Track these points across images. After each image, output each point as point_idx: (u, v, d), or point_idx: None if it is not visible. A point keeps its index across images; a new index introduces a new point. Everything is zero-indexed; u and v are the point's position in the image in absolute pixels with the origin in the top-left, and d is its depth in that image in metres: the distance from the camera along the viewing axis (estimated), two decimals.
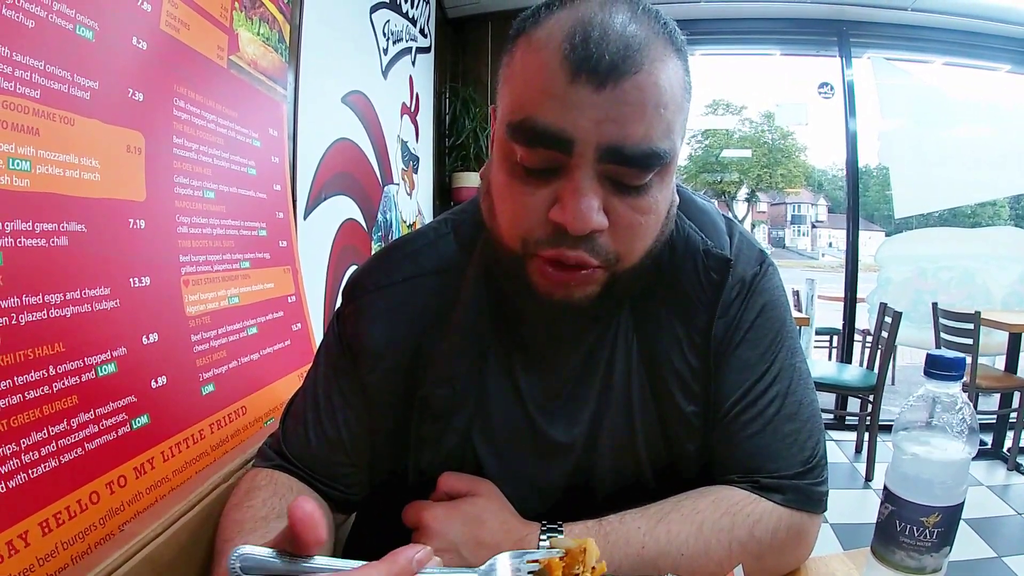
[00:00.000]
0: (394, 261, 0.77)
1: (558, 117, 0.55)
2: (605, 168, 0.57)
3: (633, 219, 0.60)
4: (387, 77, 2.49)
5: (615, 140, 0.55)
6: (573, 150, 0.56)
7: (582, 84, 0.54)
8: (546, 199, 0.59)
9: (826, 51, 4.21)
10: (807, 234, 20.87)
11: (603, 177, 0.57)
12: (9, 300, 0.68)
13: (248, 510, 0.68)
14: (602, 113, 0.55)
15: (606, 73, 0.54)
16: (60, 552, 0.70)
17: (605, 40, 0.54)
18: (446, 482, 0.72)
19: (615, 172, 0.57)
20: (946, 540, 0.59)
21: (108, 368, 0.81)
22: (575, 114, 0.55)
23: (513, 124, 0.58)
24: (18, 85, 0.72)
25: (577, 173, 0.57)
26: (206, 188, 1.08)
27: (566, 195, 0.57)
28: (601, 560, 0.56)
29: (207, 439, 0.98)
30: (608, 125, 0.55)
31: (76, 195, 0.79)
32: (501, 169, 0.62)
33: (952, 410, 0.59)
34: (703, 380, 0.72)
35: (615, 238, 0.60)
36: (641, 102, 0.55)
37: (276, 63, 1.43)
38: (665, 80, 0.57)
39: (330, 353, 0.79)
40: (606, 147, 0.55)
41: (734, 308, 0.72)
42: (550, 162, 0.57)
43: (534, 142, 0.57)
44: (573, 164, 0.56)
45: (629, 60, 0.54)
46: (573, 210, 0.56)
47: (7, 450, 0.66)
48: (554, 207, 0.58)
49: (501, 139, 0.61)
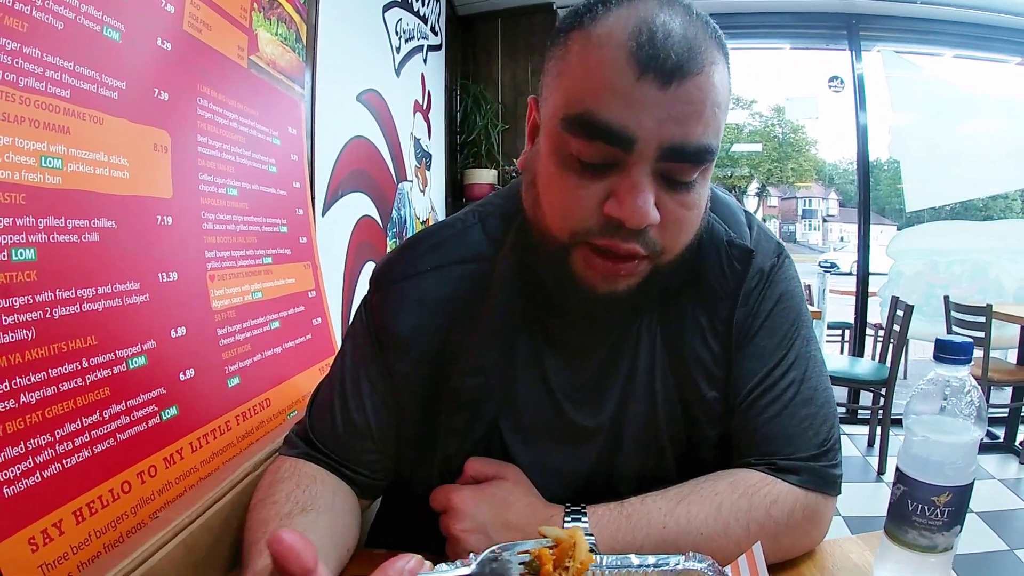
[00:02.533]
0: (422, 251, 0.77)
1: (622, 114, 0.56)
2: (661, 165, 0.59)
3: (680, 214, 0.62)
4: (400, 75, 2.51)
5: (676, 139, 0.57)
6: (634, 148, 0.57)
7: (648, 82, 0.55)
8: (600, 192, 0.60)
9: (836, 44, 4.18)
10: (818, 228, 20.72)
11: (656, 173, 0.59)
12: (43, 295, 0.70)
13: (273, 507, 0.69)
14: (664, 112, 0.56)
15: (671, 72, 0.55)
16: (93, 540, 0.71)
17: (670, 40, 0.56)
18: (473, 467, 0.73)
19: (669, 169, 0.59)
20: (956, 519, 0.60)
21: (139, 361, 0.83)
22: (639, 112, 0.56)
23: (571, 117, 0.59)
24: (49, 85, 0.74)
25: (635, 169, 0.58)
26: (229, 185, 1.10)
27: (623, 191, 0.58)
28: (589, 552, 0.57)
29: (233, 430, 1.00)
30: (670, 124, 0.57)
31: (106, 192, 0.81)
32: (551, 161, 0.63)
33: (961, 393, 0.60)
34: (724, 366, 0.74)
35: (663, 232, 0.62)
36: (701, 101, 0.57)
37: (294, 62, 1.46)
38: (719, 81, 0.59)
39: (357, 341, 0.80)
40: (667, 146, 0.57)
41: (753, 297, 0.74)
42: (607, 157, 0.59)
43: (594, 136, 0.58)
44: (632, 161, 0.58)
45: (692, 61, 0.56)
46: (631, 206, 0.58)
47: (42, 440, 0.68)
48: (609, 201, 0.59)
49: (553, 131, 0.61)
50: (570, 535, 0.56)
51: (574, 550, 0.55)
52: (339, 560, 0.69)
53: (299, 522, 0.66)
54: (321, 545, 0.64)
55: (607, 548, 0.66)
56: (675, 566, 0.59)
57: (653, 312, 0.75)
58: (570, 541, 0.56)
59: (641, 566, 0.59)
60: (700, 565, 0.58)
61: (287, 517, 0.67)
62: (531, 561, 0.55)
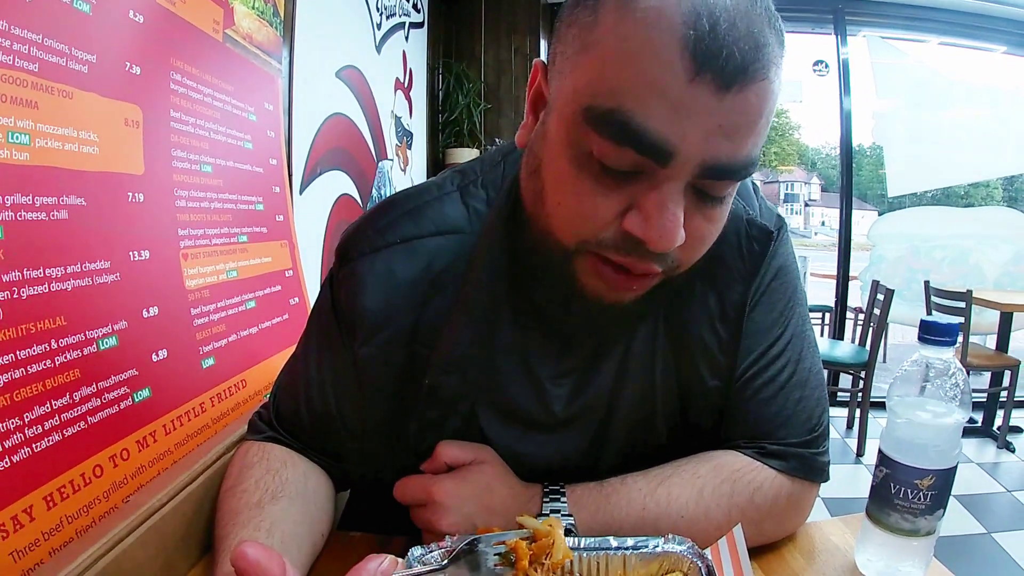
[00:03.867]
0: (393, 219, 0.69)
1: (666, 122, 0.47)
2: (697, 181, 0.50)
3: (706, 230, 0.55)
4: (380, 52, 2.47)
5: (722, 156, 0.49)
6: (672, 163, 0.48)
7: (704, 85, 0.45)
8: (621, 202, 0.51)
9: (821, 28, 4.19)
10: (800, 213, 20.89)
11: (689, 187, 0.51)
12: (10, 274, 0.68)
13: (242, 496, 0.66)
14: (716, 123, 0.47)
15: (733, 75, 0.45)
16: (65, 526, 0.70)
17: (735, 32, 0.45)
18: (446, 452, 0.69)
19: (705, 185, 0.51)
20: (939, 503, 0.60)
21: (109, 342, 0.81)
22: (686, 123, 0.46)
23: (598, 112, 0.48)
24: (16, 58, 0.71)
25: (667, 185, 0.49)
26: (203, 162, 1.08)
27: (651, 208, 0.50)
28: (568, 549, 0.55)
29: (208, 412, 0.99)
30: (718, 138, 0.47)
31: (75, 168, 0.78)
32: (564, 155, 0.53)
33: (945, 375, 0.60)
34: (730, 353, 0.70)
35: (683, 248, 0.53)
36: (758, 111, 0.48)
37: (271, 37, 1.42)
38: (778, 86, 0.50)
39: (322, 321, 0.74)
40: (711, 163, 0.49)
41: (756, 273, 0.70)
42: (636, 166, 0.49)
43: (626, 142, 0.48)
44: (664, 174, 0.49)
45: (759, 63, 0.46)
46: (659, 227, 0.50)
47: (10, 424, 0.66)
48: (631, 215, 0.51)
49: (570, 120, 0.51)
50: (548, 530, 0.55)
51: (552, 549, 0.54)
52: (314, 547, 0.66)
53: (269, 512, 0.63)
54: (294, 533, 0.63)
55: (585, 529, 0.65)
56: (654, 548, 0.58)
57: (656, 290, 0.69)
58: (549, 538, 0.54)
59: (620, 548, 0.58)
60: (680, 547, 0.58)
61: (256, 507, 0.64)
62: (507, 553, 0.53)
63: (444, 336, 0.68)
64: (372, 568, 0.44)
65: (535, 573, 0.52)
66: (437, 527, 0.65)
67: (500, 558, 0.53)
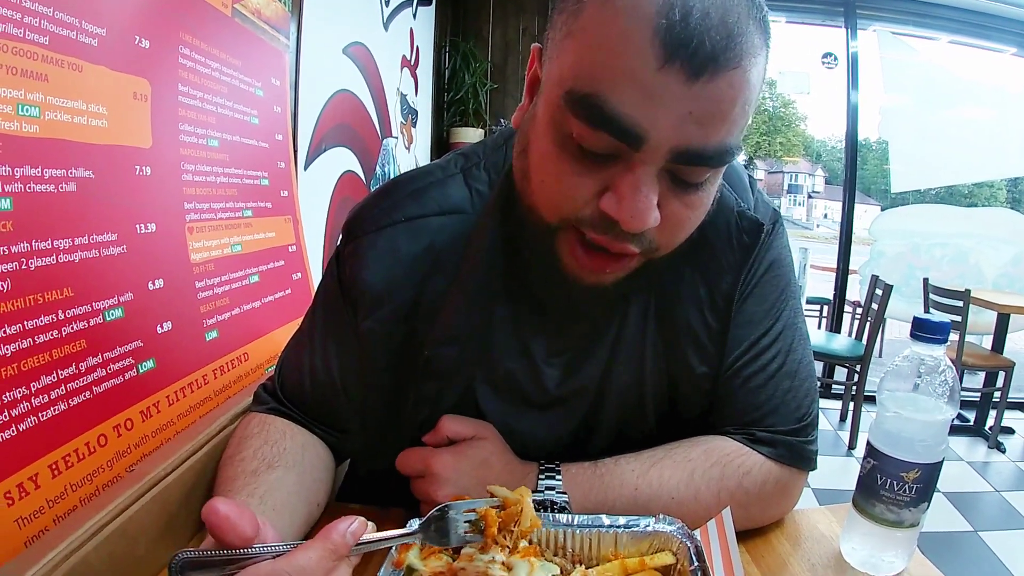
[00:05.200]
0: (398, 199, 0.72)
1: (637, 108, 0.48)
2: (671, 166, 0.52)
3: (684, 215, 0.57)
4: (388, 29, 2.46)
5: (694, 143, 0.50)
6: (644, 147, 0.50)
7: (673, 73, 0.47)
8: (598, 183, 0.54)
9: (832, 21, 4.16)
10: (803, 204, 20.79)
11: (664, 172, 0.53)
12: (19, 245, 0.68)
13: (240, 463, 0.68)
14: (686, 110, 0.48)
15: (703, 64, 0.47)
16: (69, 494, 0.71)
17: (707, 22, 0.46)
18: (448, 426, 0.71)
19: (679, 170, 0.53)
20: (924, 496, 0.62)
21: (115, 313, 0.82)
22: (655, 108, 0.48)
23: (576, 96, 0.51)
24: (27, 32, 0.71)
25: (640, 168, 0.51)
26: (210, 136, 1.08)
27: (624, 189, 0.52)
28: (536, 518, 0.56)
29: (211, 384, 1.00)
30: (689, 125, 0.49)
31: (84, 141, 0.79)
32: (548, 135, 0.55)
33: (935, 372, 0.61)
34: (719, 342, 0.72)
35: (661, 231, 0.56)
36: (731, 100, 0.49)
37: (279, 12, 1.42)
38: (756, 75, 0.50)
39: (328, 295, 0.77)
40: (681, 149, 0.50)
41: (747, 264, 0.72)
42: (611, 149, 0.51)
43: (599, 125, 0.50)
44: (638, 158, 0.51)
45: (730, 52, 0.47)
46: (631, 209, 0.52)
47: (17, 393, 0.66)
48: (607, 196, 0.53)
49: (553, 103, 0.53)
50: (518, 498, 0.56)
51: (520, 517, 0.55)
52: (308, 515, 0.68)
53: (265, 479, 0.65)
54: (287, 501, 0.64)
55: (579, 507, 0.67)
56: (645, 528, 0.60)
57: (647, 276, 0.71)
58: (517, 506, 0.55)
59: (612, 526, 0.60)
60: (670, 528, 0.59)
61: (252, 475, 0.65)
62: (476, 521, 0.54)
63: (442, 311, 0.70)
64: (343, 528, 0.46)
65: (504, 540, 0.54)
66: (434, 498, 0.67)
67: (470, 525, 0.54)
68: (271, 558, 0.44)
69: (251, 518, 0.44)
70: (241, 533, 0.43)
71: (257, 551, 0.44)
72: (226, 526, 0.43)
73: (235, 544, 0.44)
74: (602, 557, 0.60)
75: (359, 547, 0.47)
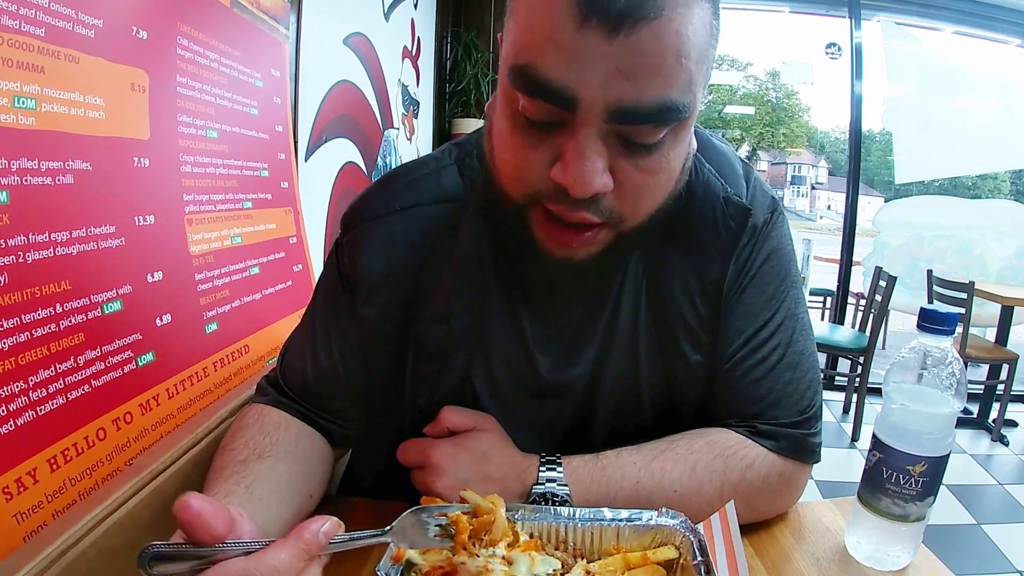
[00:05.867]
0: (394, 189, 0.74)
1: (562, 70, 0.49)
2: (614, 127, 0.52)
3: (641, 180, 0.56)
4: (389, 20, 2.44)
5: (626, 99, 0.50)
6: (577, 108, 0.50)
7: (591, 31, 0.47)
8: (548, 153, 0.54)
9: (835, 11, 4.14)
10: (806, 195, 20.75)
11: (610, 135, 0.53)
12: (16, 238, 0.68)
13: (231, 453, 0.68)
14: (612, 66, 0.48)
15: (619, 17, 0.47)
16: (68, 488, 0.71)
17: None
18: (450, 418, 0.72)
19: (624, 131, 0.53)
20: (931, 490, 0.61)
21: (114, 306, 0.81)
22: (581, 68, 0.49)
23: (515, 69, 0.52)
24: (23, 23, 0.70)
25: (580, 132, 0.52)
26: (209, 128, 1.07)
27: (568, 155, 0.53)
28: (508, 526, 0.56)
29: (211, 377, 0.99)
30: (619, 81, 0.49)
31: (81, 133, 0.78)
32: (504, 114, 0.57)
33: (942, 364, 0.60)
34: (711, 329, 0.72)
35: (620, 198, 0.56)
36: (660, 52, 0.48)
37: (279, 2, 1.40)
38: (690, 26, 0.49)
39: (329, 284, 0.78)
40: (615, 107, 0.50)
41: (743, 254, 0.71)
42: (552, 116, 0.52)
43: (535, 93, 0.51)
44: (578, 122, 0.51)
45: (648, 4, 0.47)
46: (574, 173, 0.52)
47: (15, 388, 0.66)
48: (555, 165, 0.54)
49: (504, 83, 0.55)
50: (490, 506, 0.56)
51: (492, 526, 0.55)
52: (299, 506, 0.68)
53: (254, 468, 0.65)
54: (276, 491, 0.64)
55: (580, 500, 0.67)
56: (647, 521, 0.59)
57: (638, 263, 0.72)
58: (490, 516, 0.55)
59: (614, 520, 0.60)
60: (672, 521, 0.59)
61: (242, 464, 0.65)
62: (447, 525, 0.54)
63: (434, 292, 0.72)
64: (315, 528, 0.46)
65: (473, 548, 0.53)
66: (432, 488, 0.67)
67: (441, 529, 0.54)
68: (243, 555, 0.44)
69: (225, 515, 0.44)
70: (212, 531, 0.43)
71: (229, 547, 0.44)
72: (196, 523, 0.42)
73: (205, 541, 0.43)
74: (604, 551, 0.59)
75: (331, 546, 0.47)
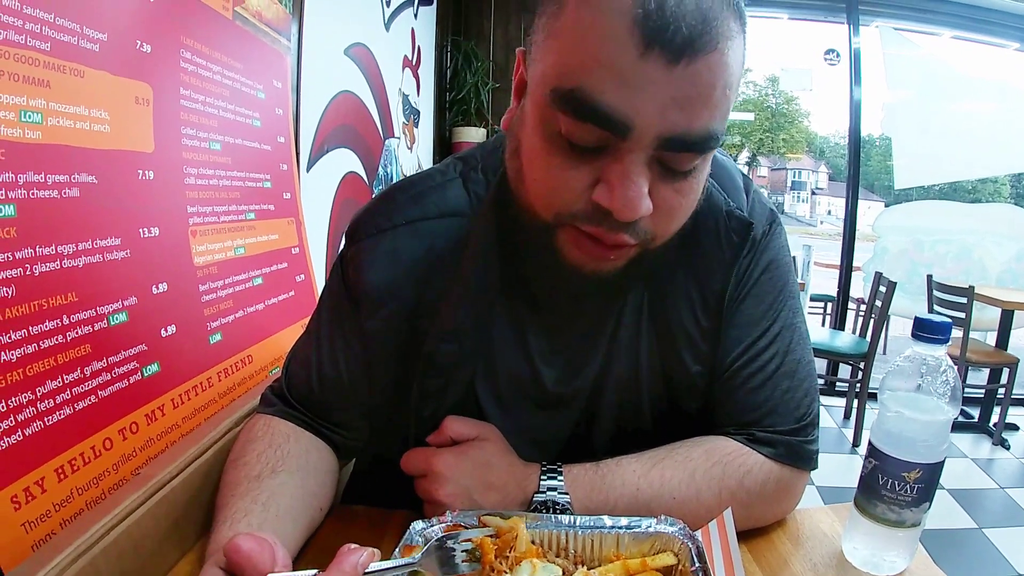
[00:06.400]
0: (399, 203, 0.74)
1: (621, 97, 0.50)
2: (659, 153, 0.53)
3: (675, 202, 0.57)
4: (389, 30, 2.46)
5: (678, 129, 0.51)
6: (631, 135, 0.51)
7: (653, 59, 0.48)
8: (589, 176, 0.55)
9: (834, 17, 4.15)
10: (806, 201, 20.76)
11: (653, 160, 0.54)
12: (23, 251, 0.69)
13: (243, 468, 0.69)
14: (668, 95, 0.50)
15: (681, 48, 0.48)
16: (76, 497, 0.71)
17: (682, 8, 0.48)
18: (452, 427, 0.72)
19: (667, 157, 0.54)
20: (926, 496, 0.62)
21: (119, 317, 0.82)
22: (638, 96, 0.50)
23: (561, 92, 0.52)
24: (29, 38, 0.71)
25: (628, 157, 0.53)
26: (212, 140, 1.08)
27: (614, 179, 0.53)
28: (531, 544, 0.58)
29: (215, 387, 1.00)
30: (673, 111, 0.50)
31: (87, 147, 0.79)
32: (537, 134, 0.57)
33: (937, 372, 0.61)
34: (712, 340, 0.73)
35: (655, 220, 0.57)
36: (711, 84, 0.51)
37: (280, 14, 1.42)
38: (733, 59, 0.52)
39: (333, 296, 0.78)
40: (667, 136, 0.51)
41: (742, 265, 0.73)
42: (599, 140, 0.53)
43: (586, 118, 0.51)
44: (626, 147, 0.52)
45: (707, 36, 0.49)
46: (622, 197, 0.53)
47: (23, 398, 0.67)
48: (599, 187, 0.54)
49: (540, 102, 0.55)
50: (511, 527, 0.57)
51: (515, 542, 0.57)
52: (311, 520, 0.69)
53: (268, 484, 0.66)
54: (291, 506, 0.65)
55: (581, 507, 0.67)
56: (647, 528, 0.60)
57: (642, 278, 0.72)
58: (512, 533, 0.57)
59: (614, 527, 0.61)
60: (671, 528, 0.60)
61: (256, 479, 0.66)
62: (473, 549, 0.56)
63: (442, 309, 0.71)
64: (353, 560, 0.47)
65: (501, 566, 0.55)
66: (435, 497, 0.68)
67: (467, 555, 0.56)
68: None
69: (270, 551, 0.46)
70: (261, 568, 0.45)
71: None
72: (247, 564, 0.44)
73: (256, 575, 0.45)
74: (604, 558, 0.60)
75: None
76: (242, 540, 0.45)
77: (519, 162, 0.61)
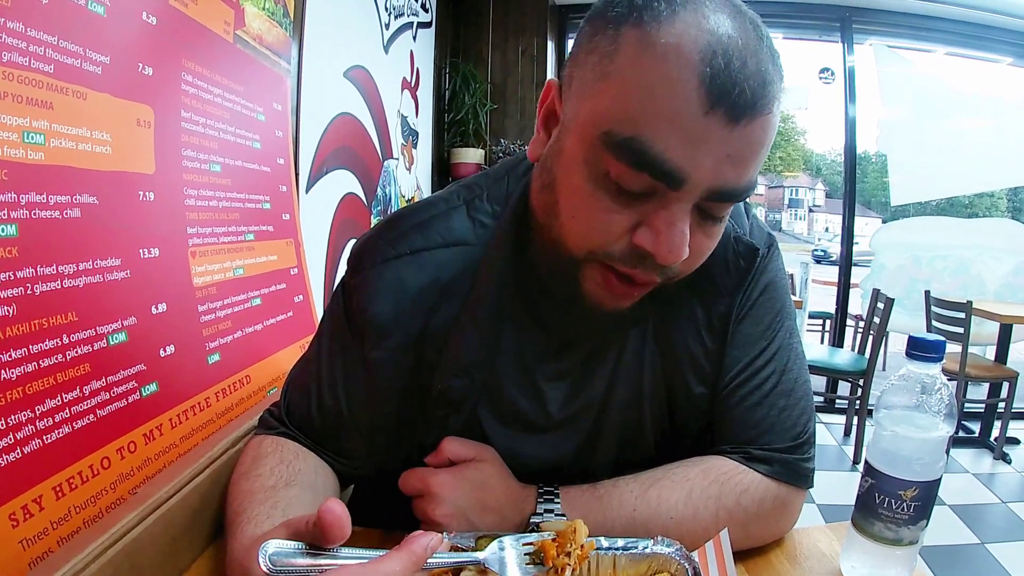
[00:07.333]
0: (403, 232, 0.73)
1: (681, 151, 0.50)
2: (702, 203, 0.55)
3: (705, 245, 0.60)
4: (388, 52, 2.49)
5: (727, 183, 0.53)
6: (683, 187, 0.52)
7: (715, 118, 0.49)
8: (632, 218, 0.55)
9: (828, 36, 4.19)
10: (804, 218, 20.84)
11: (694, 208, 0.55)
12: (24, 270, 0.70)
13: (257, 479, 0.68)
14: (724, 152, 0.51)
15: (743, 109, 0.50)
16: (73, 515, 0.72)
17: (745, 71, 0.49)
18: (450, 448, 0.72)
19: (708, 206, 0.56)
20: (923, 514, 0.62)
21: (119, 337, 0.83)
22: (698, 151, 0.51)
23: (618, 139, 0.52)
24: (32, 60, 0.72)
25: (676, 206, 0.54)
26: (212, 161, 1.10)
27: (660, 225, 0.54)
28: (590, 538, 0.59)
29: (213, 407, 1.00)
30: (727, 166, 0.52)
31: (88, 168, 0.80)
32: (579, 173, 0.56)
33: (932, 391, 0.61)
34: (716, 361, 0.74)
35: (687, 261, 0.58)
36: (762, 143, 0.53)
37: (280, 38, 1.44)
38: (778, 119, 0.54)
39: (335, 325, 0.77)
40: (717, 189, 0.53)
41: (742, 287, 0.73)
42: (650, 188, 0.53)
43: (643, 168, 0.52)
44: (675, 196, 0.53)
45: (765, 99, 0.51)
46: (668, 243, 0.54)
47: (23, 416, 0.68)
48: (641, 231, 0.55)
49: (589, 141, 0.55)
50: (569, 523, 0.58)
51: (575, 536, 0.57)
52: None
53: (283, 495, 0.66)
54: None
55: None
56: (643, 549, 0.60)
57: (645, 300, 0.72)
58: (570, 528, 0.57)
59: (610, 548, 0.60)
60: (668, 549, 0.60)
61: (272, 490, 0.67)
62: (536, 551, 0.56)
63: (452, 342, 0.71)
64: (424, 542, 0.48)
65: (566, 560, 0.55)
66: (431, 516, 0.68)
67: (530, 557, 0.56)
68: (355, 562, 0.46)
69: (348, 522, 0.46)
70: (344, 534, 0.46)
71: (342, 556, 0.47)
72: (337, 525, 0.45)
73: (336, 539, 0.46)
74: None
75: (430, 561, 0.49)
76: (335, 503, 0.45)
77: (553, 196, 0.61)
